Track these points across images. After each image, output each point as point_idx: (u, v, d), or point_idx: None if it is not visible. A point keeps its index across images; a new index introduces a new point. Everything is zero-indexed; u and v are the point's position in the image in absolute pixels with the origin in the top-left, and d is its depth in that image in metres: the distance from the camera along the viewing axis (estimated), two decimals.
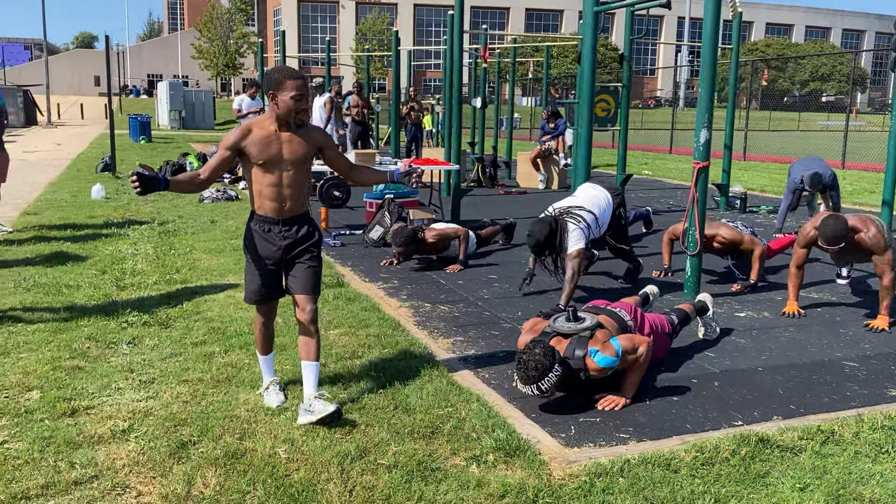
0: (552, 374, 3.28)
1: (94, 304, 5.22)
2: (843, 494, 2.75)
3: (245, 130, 3.26)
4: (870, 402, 3.64)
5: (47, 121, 34.84)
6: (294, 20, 70.80)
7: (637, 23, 9.91)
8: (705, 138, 5.29)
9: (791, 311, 5.13)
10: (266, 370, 3.60)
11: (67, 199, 10.51)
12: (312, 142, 3.33)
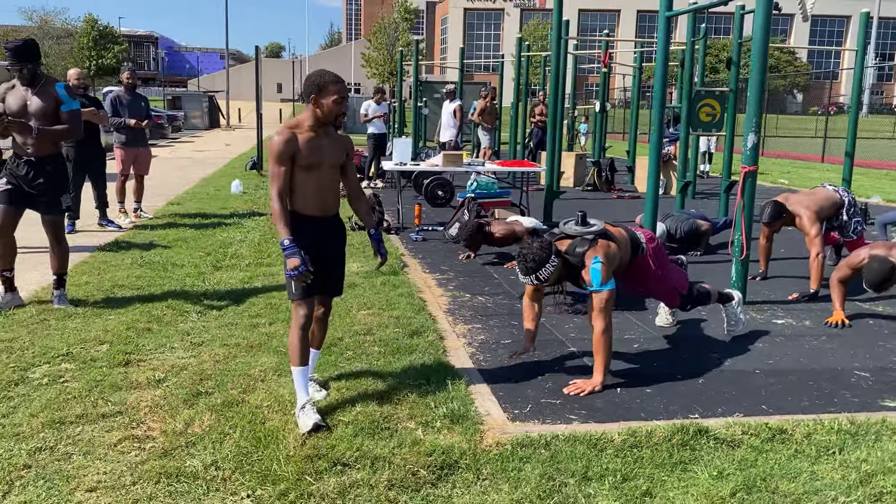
0: (549, 265, 3.67)
1: (189, 279, 6.00)
2: (758, 486, 2.83)
3: (290, 139, 3.23)
4: (855, 409, 3.59)
5: (227, 124, 38.09)
6: (459, 28, 72.79)
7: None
8: (752, 143, 5.25)
9: (836, 321, 4.99)
10: (303, 386, 3.36)
11: (210, 192, 11.75)
12: (344, 146, 3.43)
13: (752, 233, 5.47)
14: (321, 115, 3.27)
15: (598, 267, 3.72)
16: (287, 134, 3.24)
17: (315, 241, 3.32)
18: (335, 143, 3.38)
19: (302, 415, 3.27)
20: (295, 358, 3.36)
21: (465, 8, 72.93)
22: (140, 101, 8.98)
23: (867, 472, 2.95)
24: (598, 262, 3.73)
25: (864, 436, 3.26)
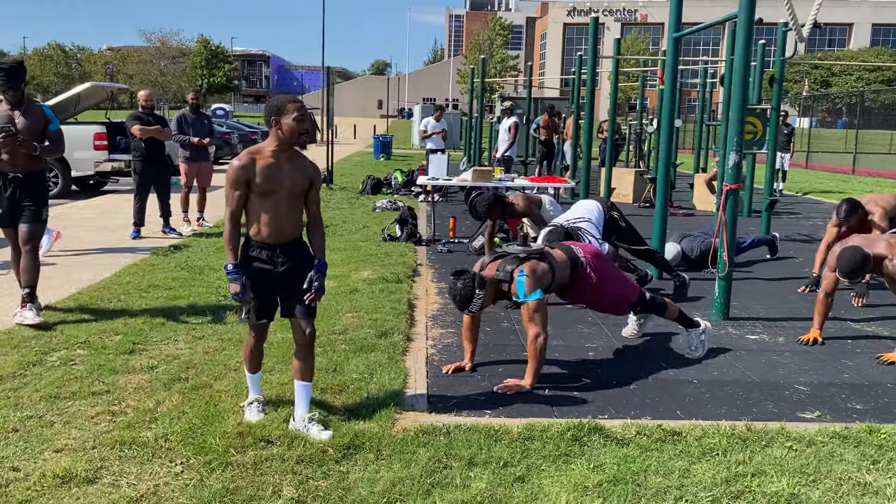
0: (476, 299, 4.00)
1: (219, 282, 6.60)
2: (626, 479, 3.07)
3: (247, 164, 3.28)
4: (767, 419, 3.73)
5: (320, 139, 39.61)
6: (559, 43, 72.84)
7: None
8: (733, 161, 5.39)
9: (809, 339, 5.05)
10: (253, 387, 3.68)
11: None
12: (308, 173, 3.42)
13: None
14: (283, 137, 3.29)
15: (523, 280, 4.01)
16: (245, 159, 3.29)
17: (267, 268, 3.37)
18: (298, 169, 3.37)
19: (248, 410, 3.62)
20: (247, 366, 3.69)
21: (564, 23, 72.92)
22: (203, 120, 9.80)
23: (738, 472, 3.14)
24: (523, 275, 4.03)
25: (756, 441, 3.42)
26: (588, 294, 4.45)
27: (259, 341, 3.61)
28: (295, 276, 3.42)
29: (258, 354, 3.65)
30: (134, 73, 57.02)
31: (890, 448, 3.38)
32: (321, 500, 2.94)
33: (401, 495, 2.94)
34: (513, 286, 4.04)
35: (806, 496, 2.97)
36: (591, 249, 4.50)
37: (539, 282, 4.10)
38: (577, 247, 4.47)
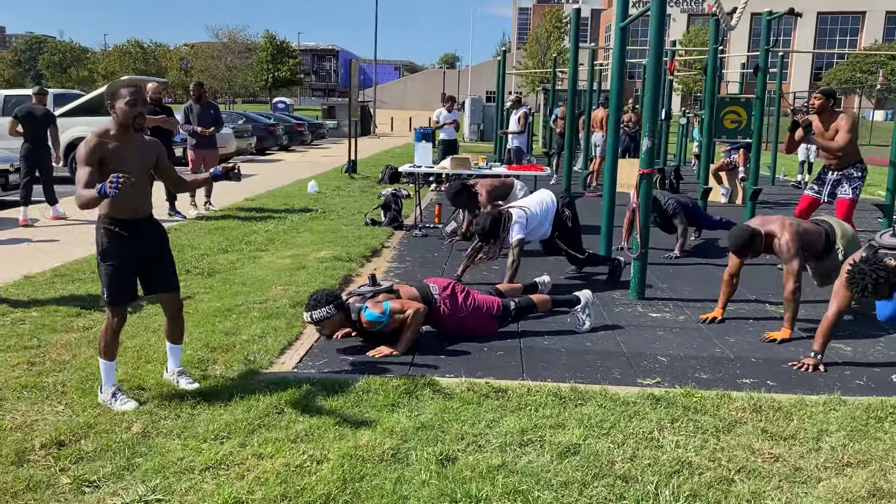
0: (323, 310, 4.31)
1: (192, 259, 7.13)
2: (432, 425, 3.40)
3: (96, 145, 3.41)
4: (606, 383, 3.98)
5: (372, 132, 40.39)
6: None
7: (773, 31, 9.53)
8: (647, 146, 5.58)
9: (709, 317, 5.23)
10: (110, 376, 3.68)
11: (291, 191, 13.12)
12: (154, 150, 3.66)
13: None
14: (119, 120, 3.46)
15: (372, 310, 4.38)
16: (94, 141, 3.42)
17: (131, 243, 3.55)
18: (143, 147, 3.59)
19: (116, 404, 3.59)
20: (105, 353, 3.65)
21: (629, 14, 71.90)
22: (209, 110, 10.42)
23: (539, 424, 3.43)
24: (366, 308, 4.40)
25: (573, 400, 3.70)
26: (451, 326, 4.72)
27: (119, 325, 3.65)
28: (155, 253, 3.67)
29: (116, 340, 3.69)
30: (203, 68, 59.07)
31: (696, 410, 3.61)
32: (163, 434, 3.37)
33: (229, 433, 3.36)
34: (363, 319, 4.38)
35: (587, 446, 3.24)
36: (443, 284, 4.76)
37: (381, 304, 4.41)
38: (433, 284, 4.74)
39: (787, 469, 3.09)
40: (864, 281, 3.84)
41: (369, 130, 41.23)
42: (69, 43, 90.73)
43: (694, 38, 54.16)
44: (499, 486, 2.91)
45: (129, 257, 3.59)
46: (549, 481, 2.97)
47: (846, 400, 3.75)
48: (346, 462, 3.09)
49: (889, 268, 3.86)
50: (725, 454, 3.19)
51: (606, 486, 2.93)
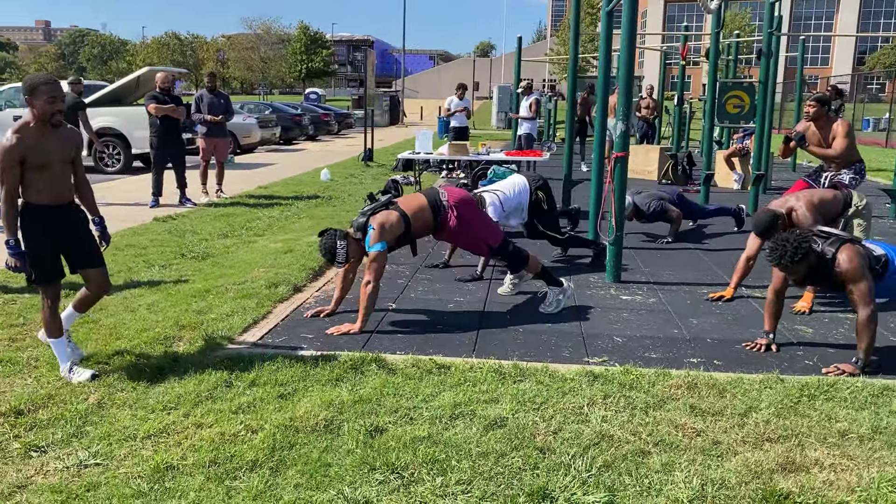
0: (340, 250, 4.54)
1: (192, 244, 7.35)
2: (369, 398, 3.53)
3: (16, 144, 3.50)
4: (556, 361, 4.07)
5: (399, 121, 40.61)
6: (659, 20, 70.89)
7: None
8: (621, 130, 5.62)
9: (716, 296, 5.27)
10: (63, 352, 3.86)
11: (304, 179, 13.34)
12: (73, 142, 3.76)
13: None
14: (38, 116, 3.54)
15: (371, 232, 4.50)
16: (14, 140, 3.50)
17: (54, 226, 3.68)
18: (63, 139, 3.68)
19: (74, 376, 3.78)
20: (51, 332, 3.82)
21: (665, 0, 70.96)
22: (220, 100, 10.63)
23: (474, 398, 3.54)
24: (371, 228, 4.51)
25: (512, 376, 3.79)
26: (451, 235, 4.91)
27: (56, 302, 3.79)
28: (79, 235, 3.82)
29: (58, 316, 3.83)
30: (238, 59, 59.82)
31: (631, 387, 3.67)
32: (117, 405, 3.55)
33: (177, 404, 3.53)
34: (364, 237, 4.54)
35: (515, 419, 3.34)
36: (458, 195, 4.88)
37: (386, 233, 4.55)
38: (444, 192, 4.86)
39: (707, 443, 3.16)
40: (784, 249, 3.89)
41: (398, 119, 41.45)
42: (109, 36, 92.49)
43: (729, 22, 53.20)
44: (419, 455, 3.02)
45: (53, 239, 3.71)
46: (470, 452, 3.07)
47: (784, 378, 3.78)
48: (279, 432, 3.23)
49: (810, 247, 3.91)
50: (648, 428, 3.27)
51: (523, 457, 3.03)
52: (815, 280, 4.13)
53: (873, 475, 2.89)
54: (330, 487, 2.82)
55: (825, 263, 3.99)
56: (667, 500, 2.74)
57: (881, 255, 4.16)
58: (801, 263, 3.95)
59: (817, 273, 4.03)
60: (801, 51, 14.23)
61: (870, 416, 3.38)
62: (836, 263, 3.96)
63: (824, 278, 4.06)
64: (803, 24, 65.00)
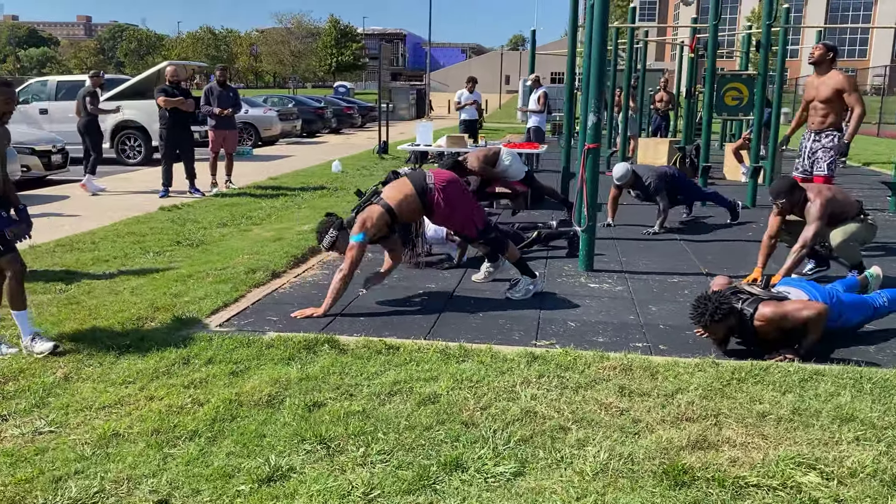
0: (329, 237, 4.82)
1: (190, 232, 7.61)
2: (314, 377, 3.71)
3: None
4: (507, 343, 4.22)
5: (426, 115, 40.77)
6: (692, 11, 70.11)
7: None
8: (592, 122, 5.72)
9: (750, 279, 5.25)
10: (26, 324, 4.11)
11: (316, 170, 13.59)
12: (6, 138, 4.09)
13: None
14: None
15: (354, 226, 4.70)
16: None
17: None
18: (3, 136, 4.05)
19: (35, 346, 4.02)
20: (17, 304, 4.07)
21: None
22: (229, 93, 10.90)
23: (415, 377, 3.69)
24: (354, 225, 4.71)
25: (457, 357, 3.95)
26: (440, 216, 5.03)
27: (24, 270, 4.09)
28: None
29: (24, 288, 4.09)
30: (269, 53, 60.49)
31: (567, 368, 3.80)
32: (82, 379, 3.79)
33: (136, 378, 3.74)
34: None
35: (448, 396, 3.50)
36: (444, 176, 5.01)
37: (367, 228, 4.72)
38: (431, 174, 5.01)
39: (627, 421, 3.28)
40: (706, 308, 3.97)
41: (424, 112, 41.62)
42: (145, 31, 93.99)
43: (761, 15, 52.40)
44: (349, 428, 3.20)
45: None
46: (398, 425, 3.24)
47: (719, 363, 3.88)
48: (223, 405, 3.43)
49: (731, 307, 4.02)
50: (573, 407, 3.40)
51: (446, 430, 3.18)
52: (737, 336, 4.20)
53: (780, 454, 2.99)
54: (259, 455, 3.00)
55: (745, 322, 4.08)
56: (573, 472, 2.87)
57: None
58: (722, 323, 4.03)
59: (737, 331, 4.13)
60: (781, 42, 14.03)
61: (793, 399, 3.47)
62: (755, 319, 4.04)
63: (745, 335, 4.15)
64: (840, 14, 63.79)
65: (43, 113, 15.46)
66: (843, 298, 4.36)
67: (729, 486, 2.76)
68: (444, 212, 4.96)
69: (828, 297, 4.24)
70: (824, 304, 4.03)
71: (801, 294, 4.25)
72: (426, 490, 2.75)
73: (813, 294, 4.25)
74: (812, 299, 4.18)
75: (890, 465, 2.90)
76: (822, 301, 4.16)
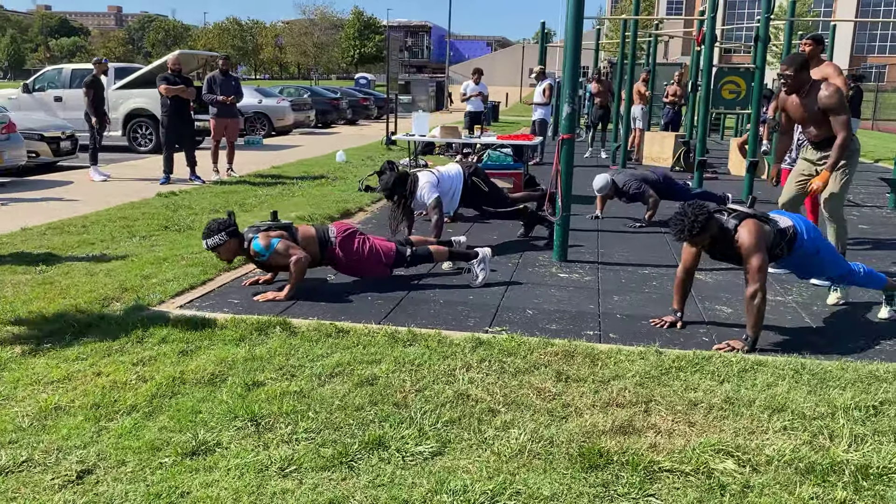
0: (216, 237, 4.79)
1: (181, 218, 7.72)
2: (260, 358, 3.78)
3: None
4: (455, 329, 4.26)
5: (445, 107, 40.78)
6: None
7: None
8: (567, 112, 5.72)
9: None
10: None
11: (320, 160, 13.69)
12: None
13: None
14: None
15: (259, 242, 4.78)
16: None
17: None
18: None
19: None
20: None
21: None
22: (231, 82, 11.02)
23: (358, 360, 3.75)
24: (256, 239, 4.79)
25: (404, 341, 3.99)
26: (343, 266, 5.12)
27: None
28: None
29: None
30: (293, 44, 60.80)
31: (510, 353, 3.83)
32: (39, 354, 3.89)
33: (88, 355, 3.84)
34: (250, 247, 4.82)
35: (387, 378, 3.54)
36: (342, 227, 5.11)
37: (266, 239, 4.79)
38: (332, 227, 5.10)
39: (557, 405, 3.31)
40: (683, 223, 3.97)
41: (443, 105, 41.63)
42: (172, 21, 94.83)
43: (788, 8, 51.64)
44: (283, 406, 3.26)
45: None
46: (331, 405, 3.29)
47: (662, 351, 3.88)
48: (166, 382, 3.51)
49: (708, 218, 3.99)
50: (506, 390, 3.43)
51: (376, 411, 3.23)
52: (722, 252, 4.19)
53: (701, 441, 3.00)
54: (190, 431, 3.07)
55: (727, 235, 4.07)
56: (491, 453, 2.91)
57: (788, 226, 4.21)
58: (702, 234, 4.04)
59: (720, 244, 4.11)
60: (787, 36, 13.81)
61: (729, 389, 3.48)
62: (736, 236, 4.04)
63: (728, 251, 4.13)
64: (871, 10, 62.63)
65: (58, 100, 15.71)
66: (824, 245, 4.40)
67: (641, 470, 2.78)
68: (345, 262, 5.06)
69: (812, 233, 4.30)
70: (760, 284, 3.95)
71: (788, 221, 4.25)
72: (342, 467, 2.81)
73: (799, 224, 4.26)
74: (796, 225, 4.22)
75: (809, 454, 2.90)
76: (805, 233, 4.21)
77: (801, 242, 4.21)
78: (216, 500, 2.57)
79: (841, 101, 5.10)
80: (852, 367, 3.71)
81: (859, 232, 7.55)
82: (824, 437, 3.05)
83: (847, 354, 3.97)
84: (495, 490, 2.63)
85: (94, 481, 2.69)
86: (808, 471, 2.79)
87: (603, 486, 2.69)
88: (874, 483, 2.71)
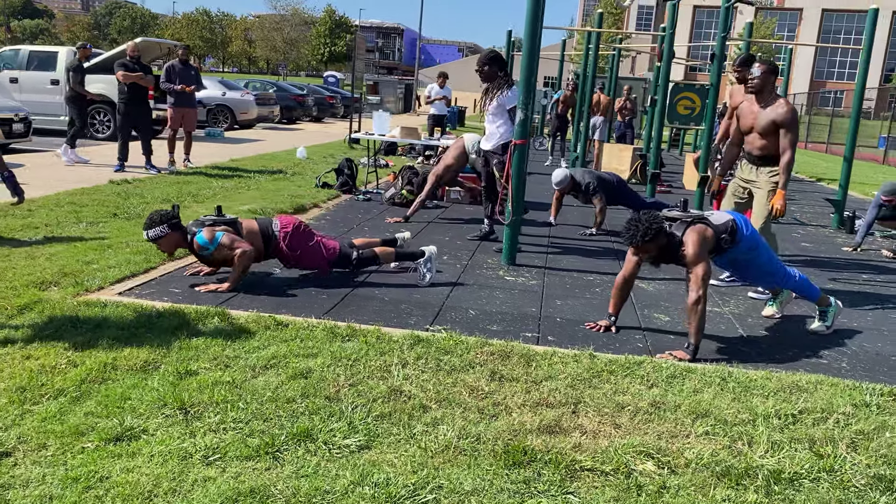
0: (157, 229, 4.76)
1: (132, 207, 7.62)
2: (189, 346, 3.76)
3: None
4: (392, 325, 4.28)
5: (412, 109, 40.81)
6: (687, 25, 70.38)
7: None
8: (520, 118, 5.79)
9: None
10: None
11: (280, 155, 13.61)
12: None
13: None
14: None
15: (203, 235, 4.74)
16: None
17: None
18: None
19: None
20: None
21: (694, 5, 70.30)
22: (190, 71, 10.91)
23: (297, 352, 3.75)
24: (200, 233, 4.76)
25: (343, 336, 4.00)
26: (286, 259, 5.11)
27: None
28: None
29: None
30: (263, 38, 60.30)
31: (447, 352, 3.87)
32: None
33: (19, 339, 3.78)
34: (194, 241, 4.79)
35: (321, 372, 3.55)
36: (287, 221, 5.11)
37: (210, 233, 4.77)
38: (276, 221, 5.10)
39: (489, 404, 3.35)
40: (637, 229, 4.06)
41: (411, 107, 41.66)
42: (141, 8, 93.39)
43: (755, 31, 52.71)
44: (214, 395, 3.25)
45: None
46: (262, 395, 3.29)
47: (596, 355, 3.95)
48: (97, 368, 3.47)
49: (661, 227, 4.08)
50: (439, 387, 3.46)
51: (307, 403, 3.24)
52: (667, 259, 4.29)
53: (624, 442, 3.06)
54: (116, 417, 3.04)
55: (674, 244, 4.16)
56: (417, 448, 2.94)
57: (727, 220, 4.34)
58: (652, 243, 4.14)
59: (667, 253, 4.21)
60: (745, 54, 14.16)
61: (657, 393, 3.55)
62: (682, 245, 4.13)
63: (674, 258, 4.23)
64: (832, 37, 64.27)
65: (13, 82, 15.37)
66: (762, 241, 4.57)
67: (562, 469, 2.83)
68: (289, 256, 5.06)
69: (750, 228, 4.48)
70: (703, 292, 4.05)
71: (726, 216, 4.40)
72: (267, 457, 2.81)
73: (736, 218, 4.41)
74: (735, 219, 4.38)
75: (726, 458, 2.98)
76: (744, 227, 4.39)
77: (741, 235, 4.34)
78: (135, 485, 2.56)
79: (796, 122, 5.23)
80: (777, 377, 3.82)
81: (801, 249, 7.75)
82: (743, 442, 3.14)
83: (774, 364, 4.08)
84: (418, 484, 2.66)
85: (12, 463, 2.66)
86: (724, 474, 2.86)
87: (524, 482, 2.74)
88: (785, 487, 2.80)
